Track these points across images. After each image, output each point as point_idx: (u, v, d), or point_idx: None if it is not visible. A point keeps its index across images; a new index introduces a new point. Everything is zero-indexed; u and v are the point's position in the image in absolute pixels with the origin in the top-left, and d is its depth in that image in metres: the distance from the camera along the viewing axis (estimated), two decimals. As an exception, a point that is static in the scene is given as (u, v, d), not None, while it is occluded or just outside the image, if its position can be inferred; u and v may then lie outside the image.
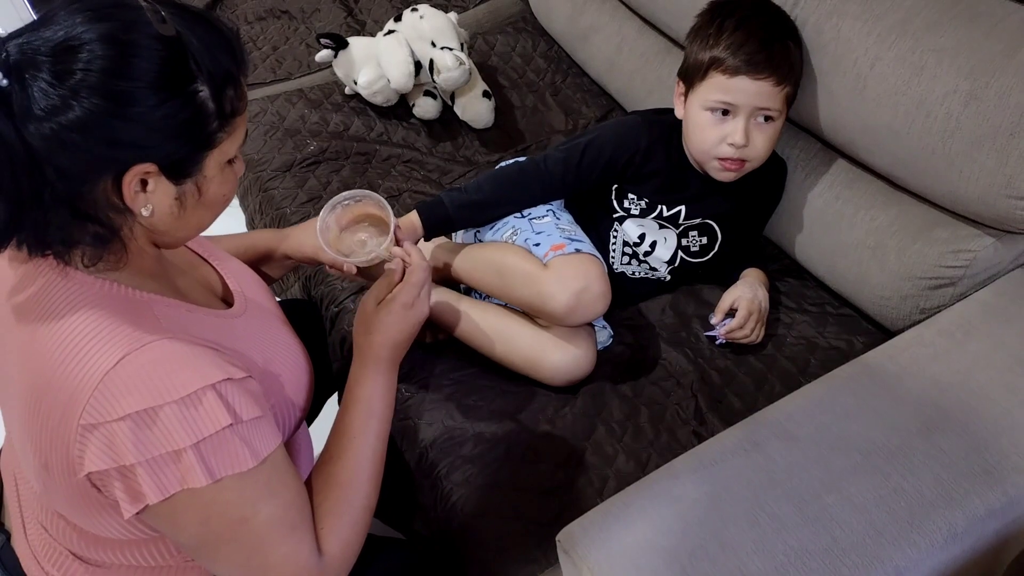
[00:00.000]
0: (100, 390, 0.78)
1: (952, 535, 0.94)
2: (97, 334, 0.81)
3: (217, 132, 0.83)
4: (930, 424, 1.02)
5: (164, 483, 0.80)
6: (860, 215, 1.31)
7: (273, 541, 0.87)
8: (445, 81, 1.72)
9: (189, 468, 0.80)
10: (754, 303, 1.31)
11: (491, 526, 1.15)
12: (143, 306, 0.86)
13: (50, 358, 0.81)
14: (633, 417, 1.26)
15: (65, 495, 0.85)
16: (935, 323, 1.16)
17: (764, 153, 1.27)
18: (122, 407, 0.78)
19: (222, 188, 0.89)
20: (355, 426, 1.01)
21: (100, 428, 0.78)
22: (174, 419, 0.79)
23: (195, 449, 0.80)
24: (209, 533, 0.84)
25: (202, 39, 0.80)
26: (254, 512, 0.85)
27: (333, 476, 0.98)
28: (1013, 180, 1.08)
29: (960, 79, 1.10)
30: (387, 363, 1.05)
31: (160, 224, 0.86)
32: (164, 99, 0.78)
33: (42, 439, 0.82)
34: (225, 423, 0.81)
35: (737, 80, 1.21)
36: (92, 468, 0.79)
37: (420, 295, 1.06)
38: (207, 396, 0.81)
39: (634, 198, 1.36)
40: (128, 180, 0.80)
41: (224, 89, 0.82)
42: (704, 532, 0.95)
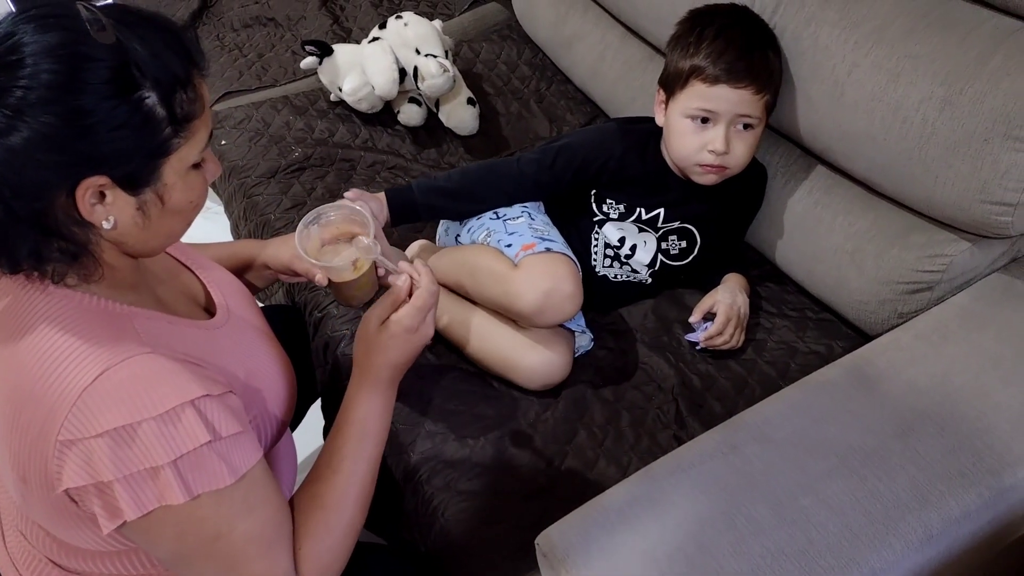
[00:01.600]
0: (79, 406, 0.78)
1: (927, 537, 0.95)
2: (75, 349, 0.80)
3: (171, 139, 0.81)
4: (906, 427, 1.03)
5: (142, 500, 0.79)
6: (839, 220, 1.32)
7: (248, 557, 0.87)
8: (429, 88, 1.73)
9: (167, 485, 0.79)
10: (732, 309, 1.32)
11: (473, 531, 1.16)
12: (122, 319, 0.86)
13: (28, 373, 0.80)
14: (614, 421, 1.26)
15: (43, 508, 0.85)
16: (912, 327, 1.17)
17: (744, 160, 1.28)
18: (100, 424, 0.77)
19: (187, 195, 0.86)
20: (347, 447, 0.99)
21: (78, 444, 0.78)
22: (152, 436, 0.78)
23: (173, 466, 0.79)
24: (185, 548, 0.84)
25: (146, 43, 0.78)
26: (230, 528, 0.85)
27: (319, 497, 0.96)
28: (987, 185, 1.09)
29: (935, 85, 1.11)
30: (386, 384, 1.02)
31: (126, 236, 0.85)
32: (108, 110, 0.76)
33: (20, 453, 0.81)
34: (204, 440, 0.81)
35: (717, 88, 1.22)
36: (70, 484, 0.79)
37: (426, 319, 1.02)
38: (186, 412, 0.80)
39: (612, 202, 1.37)
40: (81, 195, 0.78)
41: (173, 94, 0.80)
42: (682, 534, 0.95)
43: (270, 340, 1.09)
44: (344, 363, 1.38)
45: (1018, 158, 1.06)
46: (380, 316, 1.02)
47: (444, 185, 1.33)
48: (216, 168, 0.91)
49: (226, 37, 2.21)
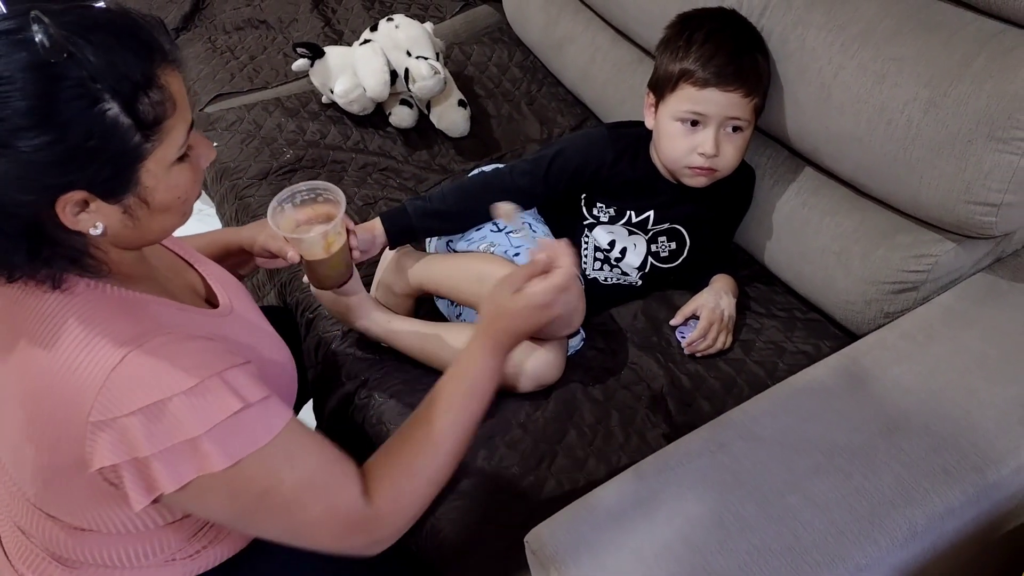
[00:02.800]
0: (107, 387, 0.79)
1: (912, 533, 0.96)
2: (97, 334, 0.81)
3: (142, 144, 0.80)
4: (891, 425, 1.04)
5: (180, 472, 0.81)
6: (826, 221, 1.33)
7: (304, 503, 0.88)
8: (420, 90, 1.73)
9: (205, 455, 0.81)
10: (715, 312, 1.33)
11: (463, 530, 1.16)
12: (138, 305, 0.87)
13: (52, 362, 0.81)
14: (604, 421, 1.27)
15: (70, 493, 0.87)
16: (898, 326, 1.18)
17: (734, 162, 1.29)
18: (131, 403, 0.79)
19: (172, 192, 0.86)
20: (454, 399, 0.99)
21: (110, 424, 0.79)
22: (184, 410, 0.80)
23: (208, 436, 0.81)
24: (240, 507, 0.87)
25: (101, 49, 0.76)
26: (278, 482, 0.86)
27: (412, 441, 0.97)
28: (971, 186, 1.10)
29: (920, 87, 1.13)
30: (503, 349, 1.02)
31: (118, 238, 0.85)
32: (69, 129, 0.75)
33: (45, 442, 0.83)
34: (235, 408, 0.83)
35: (707, 92, 1.23)
36: (103, 463, 0.80)
37: (557, 300, 1.01)
38: (214, 384, 0.82)
39: (602, 206, 1.38)
40: (60, 209, 0.78)
41: (136, 99, 0.78)
42: (670, 532, 0.96)
43: (272, 329, 1.11)
44: (335, 363, 1.39)
45: (1001, 159, 1.07)
46: (515, 284, 1.02)
47: (440, 208, 1.33)
48: (208, 151, 0.90)
49: (218, 39, 2.21)
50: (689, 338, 1.33)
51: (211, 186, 1.85)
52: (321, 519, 0.90)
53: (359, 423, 1.33)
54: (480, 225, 1.36)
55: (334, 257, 1.13)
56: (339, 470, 0.92)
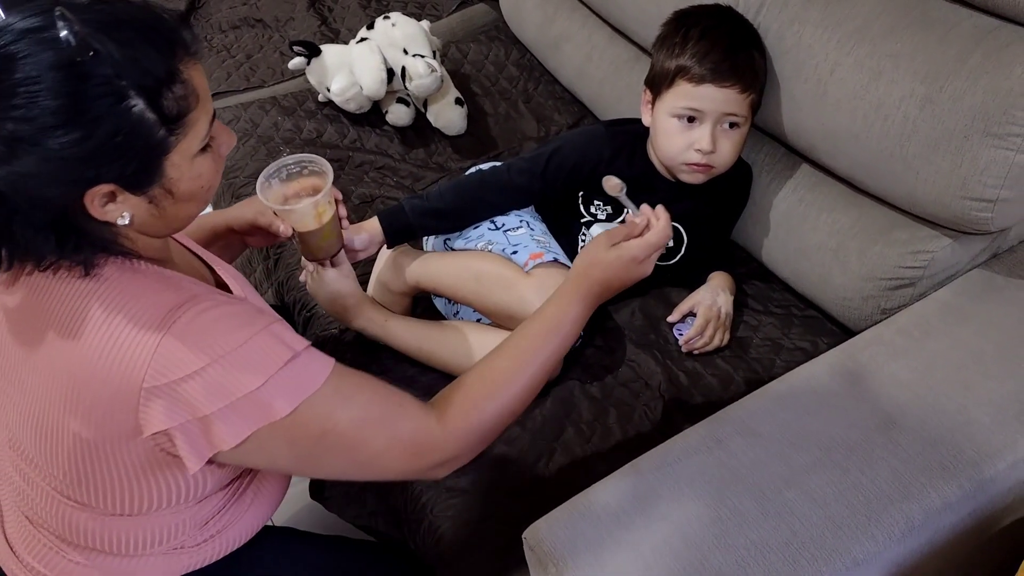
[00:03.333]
0: (159, 353, 0.81)
1: (909, 528, 0.96)
2: (141, 304, 0.84)
3: (167, 138, 0.81)
4: (888, 420, 1.04)
5: (240, 427, 0.84)
6: (823, 218, 1.33)
7: (364, 438, 0.92)
8: (417, 88, 1.73)
9: (263, 407, 0.84)
10: (712, 310, 1.33)
11: (461, 527, 1.16)
12: (173, 279, 0.90)
13: (97, 337, 0.83)
14: (602, 418, 1.27)
15: (111, 469, 0.88)
16: (894, 322, 1.18)
17: (730, 159, 1.29)
18: (185, 365, 0.81)
19: (196, 181, 0.88)
20: (536, 335, 1.03)
21: (166, 389, 0.82)
22: (238, 365, 0.83)
23: (265, 388, 0.84)
24: (301, 451, 0.90)
25: (125, 46, 0.77)
26: (335, 422, 0.89)
27: (487, 370, 1.01)
28: (967, 182, 1.10)
29: (916, 83, 1.13)
30: (593, 299, 1.07)
31: (145, 227, 0.88)
32: (97, 126, 0.76)
33: (95, 413, 0.84)
34: (286, 357, 0.86)
35: (703, 88, 1.24)
36: (160, 427, 0.82)
37: (650, 257, 1.09)
38: (262, 337, 0.85)
39: (600, 204, 1.38)
40: (89, 202, 0.80)
41: (160, 95, 0.79)
42: (667, 527, 0.96)
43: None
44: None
45: (997, 155, 1.07)
46: (613, 239, 1.08)
47: (438, 207, 1.33)
48: (229, 139, 0.93)
49: (214, 38, 2.21)
50: (686, 336, 1.33)
51: (208, 185, 1.85)
52: (385, 449, 0.93)
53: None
54: (478, 223, 1.36)
55: (325, 227, 1.15)
56: (394, 400, 0.95)
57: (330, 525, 1.46)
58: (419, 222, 1.33)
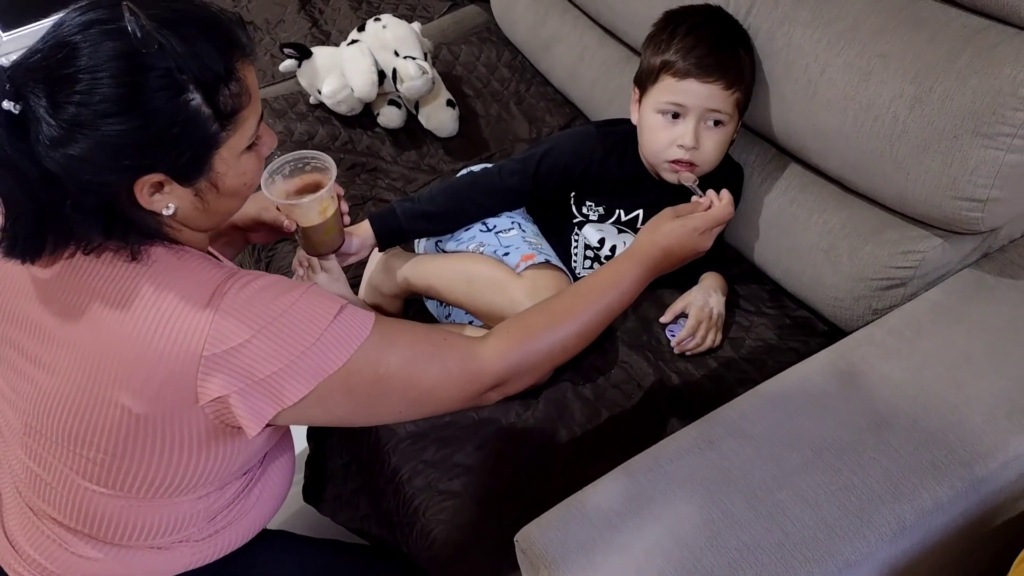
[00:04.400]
0: (216, 322, 0.85)
1: (901, 529, 0.96)
2: (190, 282, 0.87)
3: (219, 133, 0.85)
4: (880, 421, 1.04)
5: (303, 382, 0.87)
6: (813, 218, 1.33)
7: (418, 374, 0.95)
8: (408, 90, 1.73)
9: (321, 359, 0.88)
10: (704, 311, 1.33)
11: (454, 531, 1.16)
12: (214, 260, 0.93)
13: (148, 314, 0.86)
14: (594, 420, 1.27)
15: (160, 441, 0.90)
16: (886, 323, 1.18)
17: (714, 157, 1.29)
18: (241, 332, 0.85)
19: (240, 178, 0.92)
20: (596, 285, 1.08)
21: (224, 356, 0.85)
22: (294, 325, 0.87)
23: (320, 342, 0.88)
24: (359, 399, 0.93)
25: (187, 42, 0.81)
26: (387, 365, 0.93)
27: (550, 305, 1.06)
28: (957, 182, 1.10)
29: (905, 83, 1.13)
30: (653, 265, 1.11)
31: (188, 219, 0.91)
32: (155, 116, 0.80)
33: (150, 386, 0.86)
34: (334, 311, 0.90)
35: (687, 83, 1.23)
36: (220, 393, 0.85)
37: (712, 231, 1.14)
38: (308, 298, 0.89)
39: (592, 204, 1.38)
40: (139, 190, 0.84)
41: (217, 91, 0.83)
42: (659, 529, 0.96)
43: None
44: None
45: (987, 155, 1.07)
46: (679, 212, 1.15)
47: (429, 209, 1.33)
48: (271, 140, 0.96)
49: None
50: (678, 337, 1.33)
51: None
52: (437, 381, 0.96)
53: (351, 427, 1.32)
54: (469, 225, 1.36)
55: (328, 222, 1.16)
56: (437, 337, 0.99)
57: (323, 529, 1.46)
58: (410, 225, 1.33)
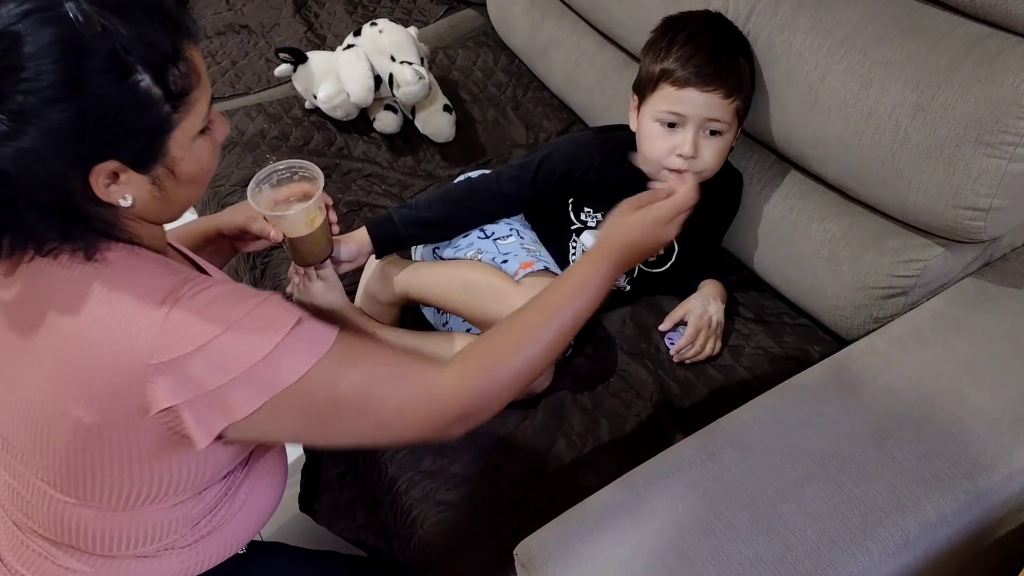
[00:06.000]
0: (166, 329, 0.81)
1: (905, 542, 0.95)
2: (145, 284, 0.84)
3: (171, 115, 0.83)
4: (882, 432, 1.04)
5: (253, 396, 0.84)
6: (814, 226, 1.32)
7: (377, 398, 0.91)
8: (405, 95, 1.72)
9: (273, 375, 0.84)
10: (703, 319, 1.32)
11: (452, 541, 1.15)
12: (173, 264, 0.91)
13: (100, 318, 0.83)
14: (593, 429, 1.26)
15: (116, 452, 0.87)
16: (887, 332, 1.18)
17: (714, 165, 1.28)
18: (191, 340, 0.82)
19: (197, 163, 0.89)
20: (560, 295, 1.02)
21: (173, 364, 0.81)
22: (247, 336, 0.84)
23: (273, 355, 0.84)
24: (314, 418, 0.89)
25: (132, 23, 0.79)
26: (346, 385, 0.89)
27: (515, 325, 1.00)
28: (960, 190, 1.10)
29: (907, 91, 1.12)
30: (619, 262, 1.06)
31: (146, 210, 0.88)
32: (107, 98, 0.78)
33: (100, 396, 0.83)
34: (293, 321, 0.86)
35: (686, 92, 1.23)
36: (168, 403, 0.82)
37: (676, 220, 1.10)
38: (265, 307, 0.86)
39: (590, 211, 1.37)
40: (94, 180, 0.81)
41: (166, 71, 0.81)
42: (660, 542, 0.95)
43: None
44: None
45: (989, 163, 1.07)
46: (638, 203, 1.10)
47: (426, 215, 1.32)
48: (224, 126, 0.93)
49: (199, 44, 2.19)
50: (677, 345, 1.32)
51: (193, 193, 1.83)
52: (398, 407, 0.92)
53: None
54: (467, 232, 1.35)
55: (316, 232, 1.15)
56: (401, 360, 0.95)
57: (319, 539, 1.45)
58: (408, 232, 1.32)
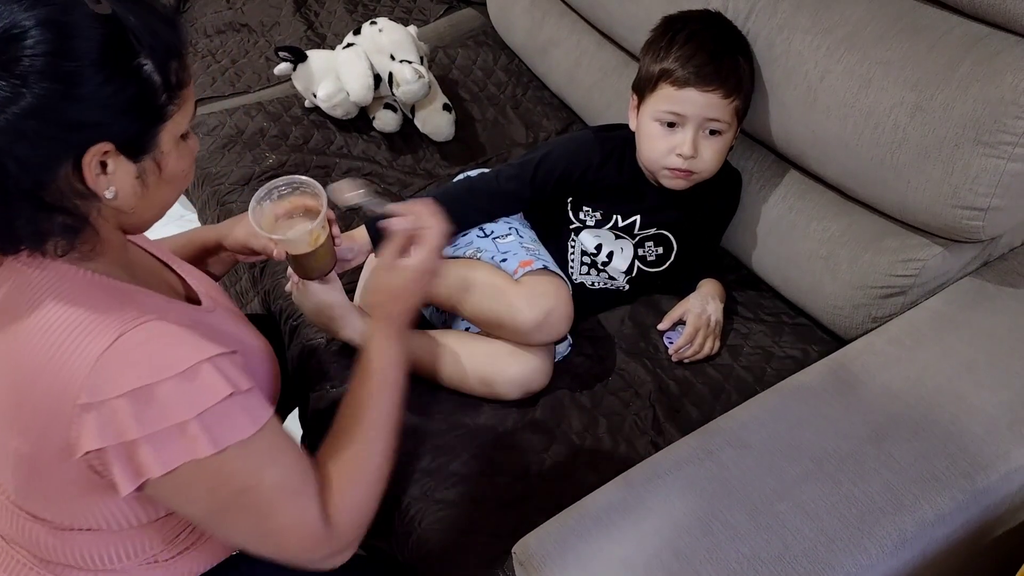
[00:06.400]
0: (96, 370, 0.80)
1: (902, 541, 0.95)
2: (87, 317, 0.82)
3: (167, 105, 0.84)
4: (880, 431, 1.04)
5: (168, 456, 0.81)
6: (813, 225, 1.33)
7: (279, 506, 0.89)
8: (404, 94, 1.72)
9: (193, 439, 0.82)
10: (701, 318, 1.32)
11: (450, 540, 1.15)
12: (126, 293, 0.88)
13: (38, 348, 0.82)
14: (592, 428, 1.26)
15: (55, 486, 0.86)
16: (886, 331, 1.18)
17: (713, 165, 1.28)
18: (120, 385, 0.79)
19: (180, 163, 0.90)
20: (370, 398, 1.01)
21: (99, 407, 0.80)
22: (174, 393, 0.81)
23: (198, 420, 0.82)
24: (217, 502, 0.87)
25: (139, 15, 0.81)
26: (259, 479, 0.87)
27: (344, 449, 0.98)
28: (959, 190, 1.10)
29: (906, 91, 1.12)
30: (402, 331, 1.05)
31: (126, 206, 0.87)
32: (110, 76, 0.79)
33: (33, 428, 0.83)
34: (225, 393, 0.83)
35: (685, 92, 1.23)
36: (91, 447, 0.80)
37: (439, 261, 1.07)
38: (204, 368, 0.83)
39: (589, 210, 1.37)
40: (87, 161, 0.81)
41: (168, 62, 0.83)
42: (658, 541, 0.95)
43: (254, 329, 1.11)
44: (320, 370, 1.37)
45: (988, 163, 1.07)
46: (387, 263, 1.05)
47: None
48: (196, 142, 0.95)
49: (199, 43, 2.19)
50: (675, 344, 1.32)
51: (192, 191, 1.83)
52: (290, 527, 0.90)
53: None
54: (467, 231, 1.35)
55: (319, 249, 1.14)
56: (312, 479, 0.93)
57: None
58: None
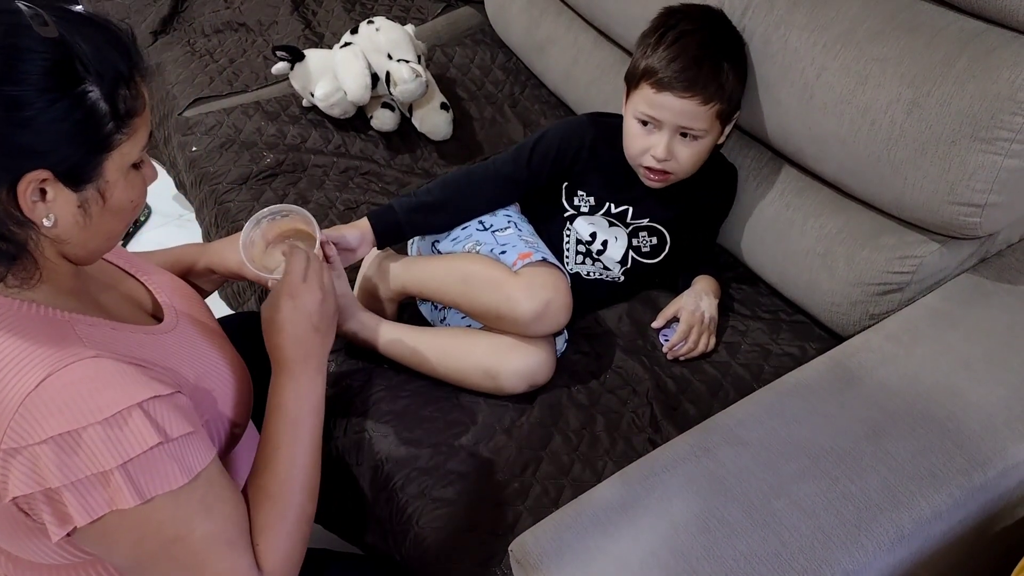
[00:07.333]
0: (21, 413, 0.76)
1: (899, 537, 0.95)
2: (16, 355, 0.79)
3: (114, 134, 0.82)
4: (877, 428, 1.03)
5: (91, 505, 0.78)
6: (810, 222, 1.32)
7: (211, 558, 0.86)
8: (402, 93, 1.72)
9: (117, 489, 0.79)
10: (695, 315, 1.32)
11: (447, 538, 1.15)
12: (64, 325, 0.84)
13: None
14: (589, 426, 1.26)
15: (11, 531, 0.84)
16: (883, 328, 1.18)
17: (690, 166, 1.29)
18: (44, 430, 0.76)
19: (128, 194, 0.87)
20: (279, 436, 0.98)
21: (23, 452, 0.77)
22: (99, 440, 0.78)
23: (122, 470, 0.78)
24: (144, 553, 0.83)
25: (89, 40, 0.79)
26: (189, 530, 0.84)
27: (263, 489, 0.95)
28: (955, 187, 1.10)
29: (903, 88, 1.12)
30: (299, 364, 1.01)
31: (66, 235, 0.84)
32: (51, 102, 0.76)
33: None
34: (153, 442, 0.80)
35: (663, 96, 1.23)
36: (16, 493, 0.77)
37: (305, 283, 1.02)
38: (133, 415, 0.80)
39: (583, 195, 1.38)
40: (23, 189, 0.78)
41: (116, 89, 0.81)
42: (655, 538, 0.95)
43: (222, 341, 1.08)
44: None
45: (985, 159, 1.07)
46: (272, 304, 1.03)
47: (425, 200, 1.33)
48: (153, 173, 0.91)
49: (197, 42, 2.19)
50: (670, 342, 1.32)
51: (190, 191, 1.83)
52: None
53: (342, 430, 1.31)
54: (466, 224, 1.35)
55: None
56: (247, 528, 0.91)
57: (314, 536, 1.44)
58: (407, 218, 1.32)
